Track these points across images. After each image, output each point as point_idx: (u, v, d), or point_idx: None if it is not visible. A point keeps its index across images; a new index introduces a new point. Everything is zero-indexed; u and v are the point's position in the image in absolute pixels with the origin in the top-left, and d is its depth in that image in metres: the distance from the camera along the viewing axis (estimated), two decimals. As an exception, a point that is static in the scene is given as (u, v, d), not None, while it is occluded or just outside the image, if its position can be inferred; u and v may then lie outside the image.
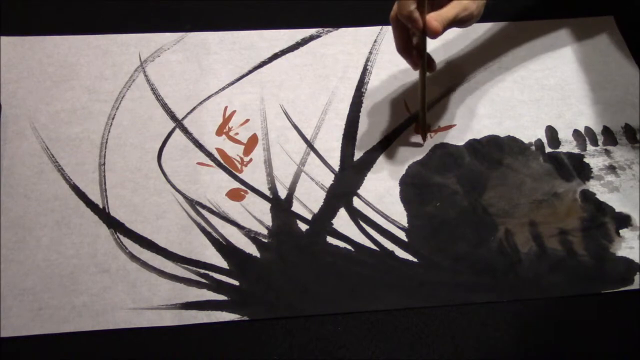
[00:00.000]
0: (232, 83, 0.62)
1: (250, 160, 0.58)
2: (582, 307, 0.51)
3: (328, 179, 0.57)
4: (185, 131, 0.59)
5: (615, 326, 0.51)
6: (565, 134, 0.61)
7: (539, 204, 0.56)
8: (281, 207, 0.55)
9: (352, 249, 0.53)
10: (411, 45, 0.53)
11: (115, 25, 0.65)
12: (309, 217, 0.55)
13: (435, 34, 0.48)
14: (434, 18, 0.48)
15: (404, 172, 0.58)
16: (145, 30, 0.65)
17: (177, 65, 0.63)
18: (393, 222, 0.55)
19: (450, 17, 0.49)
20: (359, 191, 0.56)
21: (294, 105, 0.61)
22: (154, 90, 0.61)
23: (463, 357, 0.49)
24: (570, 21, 0.69)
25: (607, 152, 0.60)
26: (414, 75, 0.63)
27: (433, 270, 0.52)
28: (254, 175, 0.57)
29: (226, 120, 0.60)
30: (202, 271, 0.51)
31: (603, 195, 0.57)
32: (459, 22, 0.50)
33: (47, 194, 0.54)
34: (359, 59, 0.65)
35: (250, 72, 0.63)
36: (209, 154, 0.58)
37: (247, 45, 0.65)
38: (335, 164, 0.58)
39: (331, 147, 0.59)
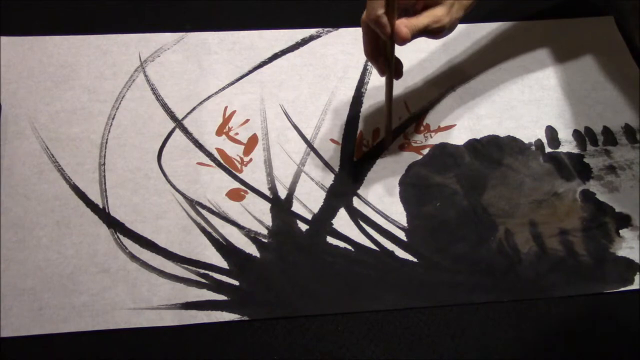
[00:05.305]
0: (232, 83, 0.62)
1: (250, 160, 0.58)
2: (582, 307, 0.51)
3: (328, 179, 0.57)
4: (185, 131, 0.59)
5: (615, 326, 0.51)
6: (565, 134, 0.61)
7: (539, 204, 0.56)
8: (281, 207, 0.55)
9: (352, 249, 0.53)
10: (378, 50, 0.50)
11: (115, 25, 0.65)
12: (309, 217, 0.55)
13: (403, 41, 0.46)
14: (404, 24, 0.46)
15: (404, 172, 0.58)
16: (145, 30, 0.65)
17: (177, 65, 0.63)
18: (393, 222, 0.55)
19: (420, 27, 0.47)
20: (359, 191, 0.56)
21: (294, 105, 0.61)
22: (154, 90, 0.61)
23: (463, 357, 0.49)
24: (570, 21, 0.69)
25: (607, 152, 0.60)
26: (414, 75, 0.64)
27: (433, 270, 0.52)
28: (254, 175, 0.57)
29: (226, 120, 0.60)
30: (202, 271, 0.51)
31: (603, 195, 0.57)
32: (430, 32, 0.48)
33: (47, 194, 0.54)
34: (359, 59, 0.65)
35: (250, 72, 0.63)
36: (209, 154, 0.58)
37: (247, 45, 0.65)
38: (335, 164, 0.58)
39: (331, 147, 0.59)
